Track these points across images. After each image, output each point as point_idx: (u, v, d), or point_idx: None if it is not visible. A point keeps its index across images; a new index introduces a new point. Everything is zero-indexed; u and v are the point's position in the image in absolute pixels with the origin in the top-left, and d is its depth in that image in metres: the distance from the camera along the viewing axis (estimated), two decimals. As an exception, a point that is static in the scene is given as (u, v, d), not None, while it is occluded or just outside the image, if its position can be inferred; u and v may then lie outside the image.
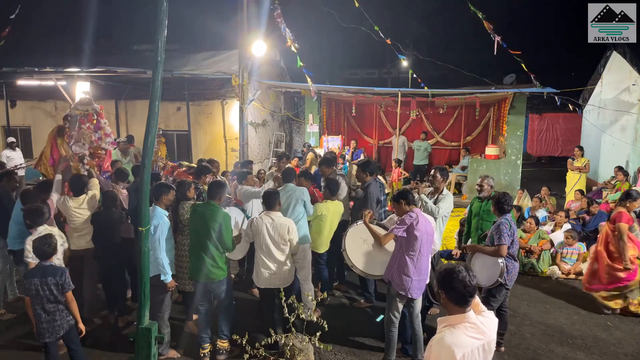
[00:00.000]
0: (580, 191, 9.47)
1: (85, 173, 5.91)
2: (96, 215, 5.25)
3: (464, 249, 4.93)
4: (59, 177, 5.66)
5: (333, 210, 5.66)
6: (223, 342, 4.63)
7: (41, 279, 3.81)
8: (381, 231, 4.70)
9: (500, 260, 4.38)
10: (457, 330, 2.26)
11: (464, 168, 12.56)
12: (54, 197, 5.36)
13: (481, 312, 2.43)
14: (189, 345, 4.80)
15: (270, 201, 4.71)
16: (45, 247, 3.91)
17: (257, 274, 4.71)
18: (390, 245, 4.53)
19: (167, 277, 4.44)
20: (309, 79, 10.90)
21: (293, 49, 10.07)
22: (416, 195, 5.44)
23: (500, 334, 4.56)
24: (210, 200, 4.53)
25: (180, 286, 4.77)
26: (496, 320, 2.46)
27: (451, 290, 2.30)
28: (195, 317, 5.22)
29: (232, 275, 6.49)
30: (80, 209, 5.12)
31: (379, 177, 7.33)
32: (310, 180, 6.11)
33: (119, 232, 5.35)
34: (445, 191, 5.57)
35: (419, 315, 4.47)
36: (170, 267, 4.50)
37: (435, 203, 5.42)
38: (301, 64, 10.39)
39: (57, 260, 4.22)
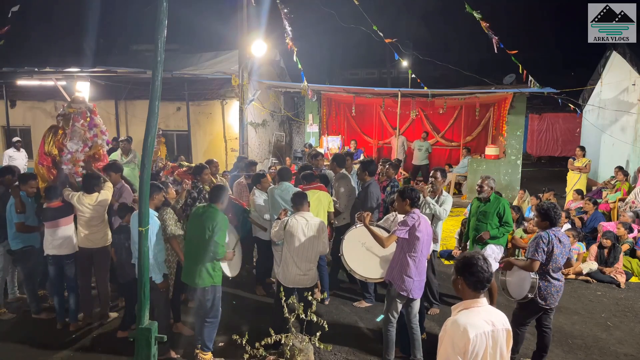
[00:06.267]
0: (578, 191, 9.46)
1: (83, 171, 5.84)
2: None
3: (500, 262, 4.78)
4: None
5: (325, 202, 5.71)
6: (205, 355, 4.45)
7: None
8: (382, 233, 4.57)
9: (532, 275, 4.18)
10: (471, 312, 2.46)
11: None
12: (65, 192, 5.33)
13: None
14: (188, 345, 4.78)
15: (299, 201, 4.71)
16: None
17: (284, 273, 4.67)
18: (390, 247, 4.49)
19: (158, 278, 4.42)
20: (305, 81, 10.91)
21: (294, 55, 10.09)
22: (421, 198, 5.45)
23: (540, 355, 4.47)
24: (212, 204, 4.45)
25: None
26: (503, 314, 2.56)
27: (470, 275, 2.49)
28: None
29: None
30: (95, 205, 5.18)
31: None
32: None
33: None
34: (444, 192, 5.63)
35: (417, 315, 4.44)
36: (161, 268, 4.47)
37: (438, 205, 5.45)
38: (300, 65, 10.41)
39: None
